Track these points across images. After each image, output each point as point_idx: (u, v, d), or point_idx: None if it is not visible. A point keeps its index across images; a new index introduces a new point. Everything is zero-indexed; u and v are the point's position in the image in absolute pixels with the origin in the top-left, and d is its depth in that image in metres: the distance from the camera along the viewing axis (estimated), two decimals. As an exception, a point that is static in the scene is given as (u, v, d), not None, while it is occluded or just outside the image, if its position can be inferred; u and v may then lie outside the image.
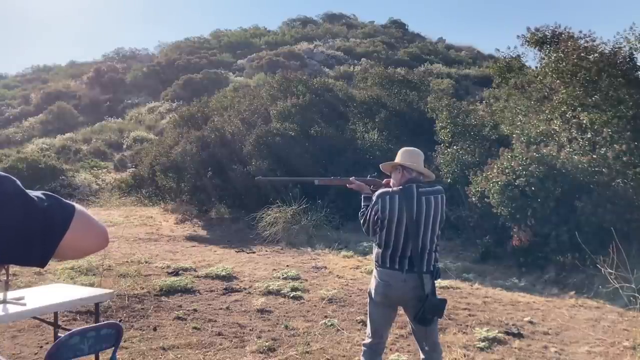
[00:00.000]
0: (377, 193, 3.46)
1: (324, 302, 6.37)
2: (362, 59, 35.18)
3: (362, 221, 3.52)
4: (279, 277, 7.42)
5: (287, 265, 8.29)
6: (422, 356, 3.54)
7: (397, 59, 33.98)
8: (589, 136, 9.11)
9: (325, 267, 8.35)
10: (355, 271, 8.20)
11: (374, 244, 3.55)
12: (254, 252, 9.51)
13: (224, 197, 13.09)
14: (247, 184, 12.43)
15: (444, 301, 3.41)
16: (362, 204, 3.58)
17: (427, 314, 3.30)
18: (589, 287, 7.43)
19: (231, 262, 8.39)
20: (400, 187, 3.45)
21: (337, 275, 7.85)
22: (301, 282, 7.20)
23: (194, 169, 13.09)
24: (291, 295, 6.56)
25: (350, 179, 3.78)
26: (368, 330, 3.56)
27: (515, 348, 5.08)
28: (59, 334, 3.76)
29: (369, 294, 3.54)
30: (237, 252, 9.48)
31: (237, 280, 7.27)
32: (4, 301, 3.51)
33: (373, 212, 3.39)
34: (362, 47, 39.99)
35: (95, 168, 22.62)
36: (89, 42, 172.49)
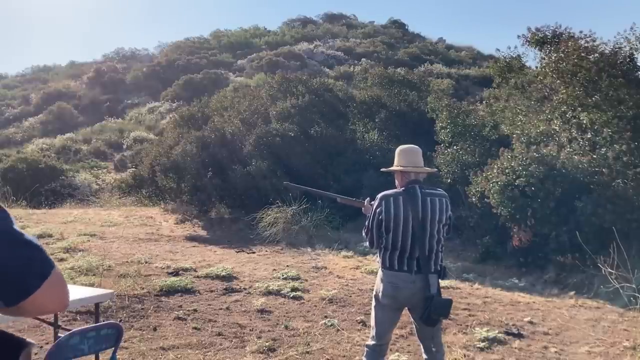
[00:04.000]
0: (379, 195, 3.44)
1: (324, 302, 6.37)
2: (362, 59, 35.20)
3: (365, 233, 3.54)
4: (279, 277, 7.42)
5: (287, 266, 8.29)
6: (424, 356, 3.53)
7: (397, 59, 33.99)
8: (589, 136, 9.11)
9: (326, 268, 8.35)
10: (355, 271, 8.20)
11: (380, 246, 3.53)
12: (254, 252, 9.51)
13: (224, 197, 13.08)
14: (247, 184, 12.42)
15: (449, 301, 3.40)
16: (366, 222, 3.58)
17: (434, 314, 3.30)
18: (589, 287, 7.43)
19: (231, 262, 8.38)
20: (403, 188, 3.44)
21: (337, 276, 7.85)
22: (301, 282, 7.20)
23: (194, 169, 13.08)
24: (291, 295, 6.56)
25: (364, 201, 3.80)
26: (372, 332, 3.54)
27: (515, 348, 5.08)
28: (59, 334, 3.76)
29: (375, 296, 3.51)
30: (237, 252, 9.48)
31: (237, 280, 7.26)
32: (4, 301, 3.50)
33: (377, 214, 3.38)
34: (362, 47, 40.00)
35: (95, 168, 22.63)
36: (89, 42, 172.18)
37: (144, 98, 35.06)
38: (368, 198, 3.80)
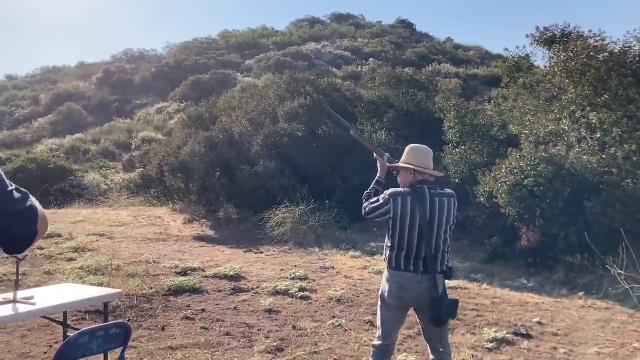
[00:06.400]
0: (388, 192, 3.43)
1: (331, 302, 6.37)
2: (370, 59, 35.17)
3: (365, 202, 3.58)
4: (286, 278, 7.43)
5: (295, 266, 8.30)
6: (432, 357, 3.52)
7: (405, 59, 33.94)
8: (598, 136, 9.05)
9: (333, 268, 8.35)
10: (363, 271, 8.19)
11: (385, 245, 3.53)
12: (262, 252, 9.52)
13: (232, 198, 13.10)
14: (255, 184, 12.44)
15: (456, 301, 3.40)
16: (373, 185, 3.64)
17: (443, 315, 3.30)
18: (598, 288, 7.38)
19: (239, 262, 8.40)
20: (411, 188, 3.43)
21: (345, 276, 7.84)
22: (309, 283, 7.20)
23: (202, 169, 13.12)
24: (299, 295, 6.56)
25: (385, 155, 3.80)
26: (379, 332, 3.53)
27: (524, 349, 5.05)
28: (68, 334, 3.78)
29: (381, 296, 3.51)
30: (245, 252, 9.50)
31: (245, 280, 7.28)
32: (14, 301, 3.53)
33: (384, 211, 3.38)
34: (370, 47, 39.97)
35: (104, 168, 22.75)
36: (97, 43, 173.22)
37: (152, 98, 35.21)
38: (388, 154, 3.81)
